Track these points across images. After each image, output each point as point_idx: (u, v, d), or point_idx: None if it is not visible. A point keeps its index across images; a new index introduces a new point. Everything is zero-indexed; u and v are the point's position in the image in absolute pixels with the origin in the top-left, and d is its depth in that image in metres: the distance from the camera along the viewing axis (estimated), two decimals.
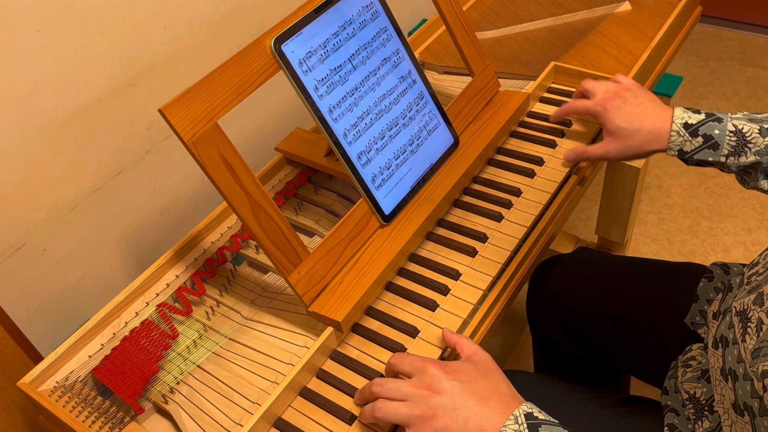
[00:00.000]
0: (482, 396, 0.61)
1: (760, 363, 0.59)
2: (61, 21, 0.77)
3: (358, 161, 0.78)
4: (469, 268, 0.79)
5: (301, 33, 0.73)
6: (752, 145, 0.77)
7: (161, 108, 0.63)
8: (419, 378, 0.63)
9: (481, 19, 1.21)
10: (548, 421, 0.59)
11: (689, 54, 2.34)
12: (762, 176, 0.79)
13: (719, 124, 0.79)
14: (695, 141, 0.80)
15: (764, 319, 0.61)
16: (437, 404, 0.60)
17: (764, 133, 0.77)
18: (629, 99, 0.85)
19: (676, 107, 0.83)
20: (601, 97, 0.86)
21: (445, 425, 0.59)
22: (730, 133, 0.78)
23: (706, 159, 0.80)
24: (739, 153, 0.78)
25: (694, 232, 1.76)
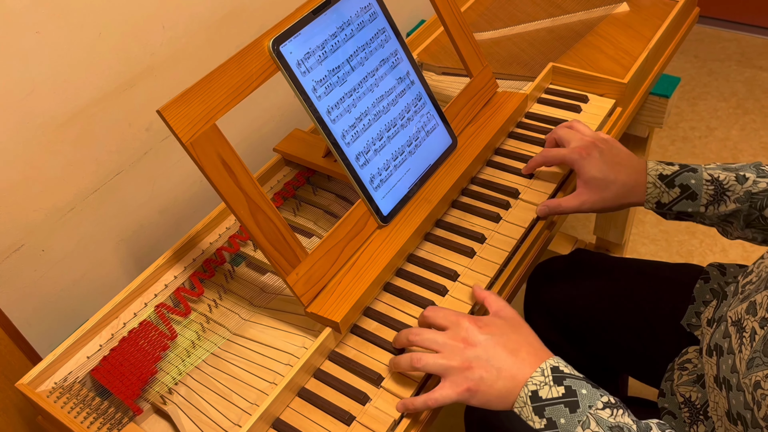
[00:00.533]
0: (513, 348, 0.64)
1: (753, 374, 0.59)
2: (60, 22, 0.77)
3: (357, 162, 0.78)
4: (467, 268, 0.79)
5: (300, 34, 0.73)
6: (731, 193, 0.77)
7: (159, 109, 0.63)
8: (454, 331, 0.66)
9: (479, 20, 1.21)
10: (573, 375, 0.62)
11: (687, 55, 2.35)
12: (744, 225, 0.79)
13: (694, 174, 0.79)
14: (672, 192, 0.79)
15: (756, 328, 0.61)
16: (472, 356, 0.63)
17: (741, 180, 0.77)
18: (605, 150, 0.82)
19: (648, 160, 0.82)
20: (576, 145, 0.83)
21: (480, 375, 0.62)
22: (707, 182, 0.78)
23: (686, 210, 0.79)
24: (718, 202, 0.78)
25: (692, 233, 1.76)
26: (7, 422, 0.81)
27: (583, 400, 0.59)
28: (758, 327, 0.61)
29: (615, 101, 1.00)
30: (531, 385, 0.61)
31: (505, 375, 0.62)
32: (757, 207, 0.77)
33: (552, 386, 0.60)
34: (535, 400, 0.60)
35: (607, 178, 0.80)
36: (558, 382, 0.60)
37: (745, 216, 0.78)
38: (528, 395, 0.60)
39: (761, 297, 0.62)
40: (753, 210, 0.77)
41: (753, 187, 0.76)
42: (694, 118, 2.09)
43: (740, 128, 2.04)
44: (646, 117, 1.21)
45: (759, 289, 0.64)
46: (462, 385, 0.63)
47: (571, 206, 0.82)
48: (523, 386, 0.61)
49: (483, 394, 0.62)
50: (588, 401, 0.59)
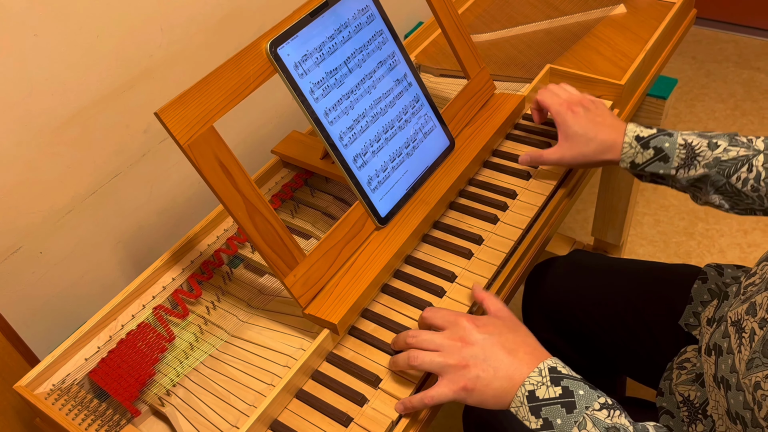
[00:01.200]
0: (511, 348, 0.64)
1: (753, 374, 0.59)
2: (58, 24, 0.77)
3: (354, 164, 0.78)
4: (465, 270, 0.80)
5: (297, 36, 0.73)
6: (701, 158, 0.79)
7: (157, 111, 0.63)
8: (452, 330, 0.67)
9: (476, 22, 1.21)
10: (570, 376, 0.62)
11: (685, 56, 2.35)
12: (712, 190, 0.81)
13: (670, 138, 0.81)
14: (646, 153, 0.81)
15: (756, 329, 0.61)
16: (469, 355, 0.64)
17: (712, 147, 0.79)
18: (591, 109, 0.86)
19: (629, 123, 0.84)
20: (566, 99, 0.88)
21: (476, 374, 0.63)
22: (680, 146, 0.80)
23: (658, 171, 0.82)
24: (688, 166, 0.80)
25: (690, 234, 1.76)
26: (5, 424, 0.81)
27: (580, 400, 0.59)
28: (758, 328, 0.61)
29: (612, 103, 1.00)
30: (528, 384, 0.61)
31: (502, 374, 0.62)
32: (724, 174, 0.78)
33: (549, 386, 0.60)
34: (532, 400, 0.60)
35: (587, 134, 0.84)
36: (555, 383, 0.61)
37: (712, 182, 0.80)
38: (525, 395, 0.61)
39: (761, 298, 0.62)
40: (720, 177, 0.79)
41: (723, 154, 0.78)
42: (692, 120, 2.10)
43: (738, 129, 2.04)
44: (644, 118, 1.21)
45: (760, 290, 0.64)
46: (459, 383, 0.63)
47: (552, 158, 0.87)
48: (520, 386, 0.61)
49: (479, 393, 0.62)
50: (585, 402, 0.59)
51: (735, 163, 0.78)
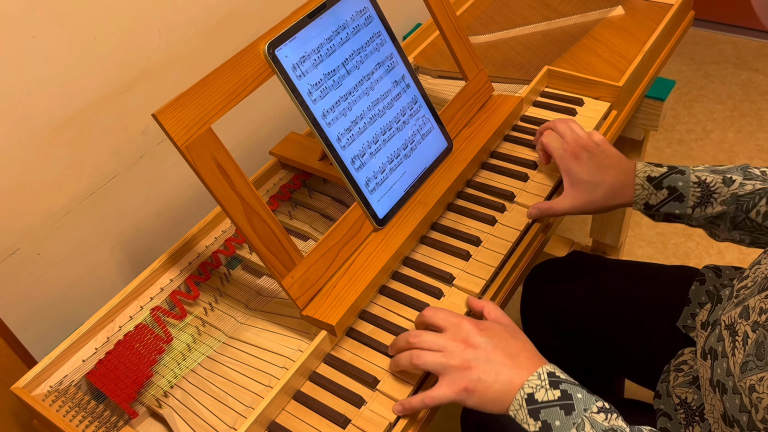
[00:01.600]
0: (512, 353, 0.65)
1: (747, 378, 0.59)
2: (56, 26, 0.77)
3: (352, 165, 0.78)
4: (463, 271, 0.80)
5: (295, 38, 0.73)
6: (717, 195, 0.77)
7: (155, 113, 0.63)
8: (454, 332, 0.67)
9: (475, 24, 1.21)
10: (569, 381, 0.62)
11: (683, 57, 2.35)
12: (731, 227, 0.79)
13: (682, 176, 0.79)
14: (660, 194, 0.80)
15: (749, 332, 0.61)
16: (471, 357, 0.64)
17: (728, 183, 0.77)
18: (596, 153, 0.83)
19: (637, 162, 0.82)
20: (570, 144, 0.84)
21: (478, 377, 0.63)
22: (694, 184, 0.78)
23: (673, 212, 0.80)
24: (705, 204, 0.78)
25: (689, 235, 1.77)
26: (2, 426, 0.81)
27: (579, 403, 0.59)
28: (751, 331, 0.61)
29: (610, 104, 1.00)
30: (527, 387, 0.61)
31: (502, 378, 0.62)
32: (743, 209, 0.77)
33: (548, 389, 0.60)
34: (531, 402, 0.60)
35: (594, 180, 0.81)
36: (554, 386, 0.61)
37: (731, 218, 0.78)
38: (524, 398, 0.61)
39: (754, 301, 0.63)
40: (739, 212, 0.77)
41: (739, 189, 0.77)
42: (690, 121, 2.10)
43: (736, 131, 2.04)
44: (642, 120, 1.21)
45: (753, 293, 0.64)
46: (460, 384, 0.63)
47: (561, 209, 0.83)
48: (519, 389, 0.61)
49: (480, 395, 0.62)
50: (583, 404, 0.59)
51: (752, 197, 0.76)
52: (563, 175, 0.84)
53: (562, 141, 0.86)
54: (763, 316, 0.60)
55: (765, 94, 2.15)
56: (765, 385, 0.57)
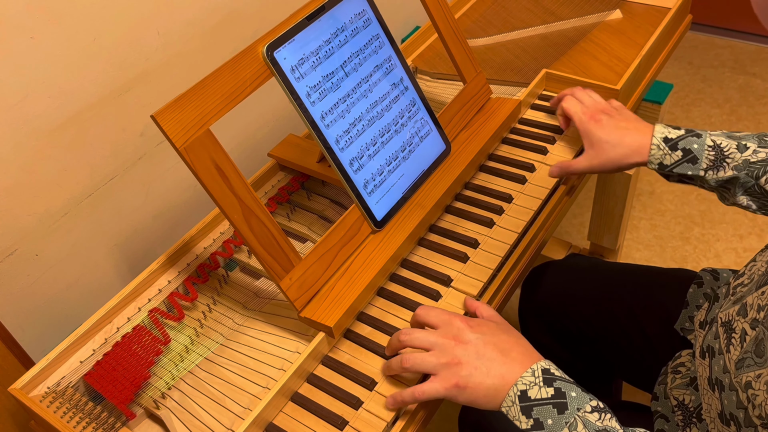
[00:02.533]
0: (504, 348, 0.64)
1: (744, 374, 0.59)
2: (55, 27, 0.77)
3: (350, 167, 0.78)
4: (461, 273, 0.80)
5: (294, 40, 0.73)
6: (730, 160, 0.79)
7: (153, 114, 0.64)
8: (445, 329, 0.67)
9: (473, 27, 1.22)
10: (563, 378, 0.62)
11: (681, 61, 2.36)
12: (740, 191, 0.80)
13: (698, 138, 0.81)
14: (675, 155, 0.81)
15: (747, 330, 0.61)
16: (462, 353, 0.64)
17: (742, 149, 0.78)
18: (614, 115, 0.86)
19: (657, 124, 0.84)
20: (590, 107, 0.88)
21: (469, 373, 0.63)
22: (709, 147, 0.80)
23: (686, 173, 0.81)
24: (717, 167, 0.79)
25: (686, 239, 1.77)
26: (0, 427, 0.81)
27: (572, 402, 0.59)
28: (749, 328, 0.61)
29: None
30: (520, 384, 0.61)
31: (494, 374, 0.62)
32: (753, 176, 0.78)
33: (542, 387, 0.60)
34: (524, 399, 0.60)
35: (612, 140, 0.84)
36: (548, 384, 0.61)
37: (741, 183, 0.79)
38: (517, 395, 0.61)
39: (752, 298, 0.63)
40: (749, 178, 0.78)
41: (752, 156, 0.78)
42: (688, 124, 2.10)
43: None
44: None
45: (751, 290, 0.64)
46: (451, 380, 0.63)
47: (580, 166, 0.87)
48: (512, 386, 0.61)
49: (471, 391, 0.62)
50: (577, 404, 0.59)
51: (764, 164, 0.77)
52: (583, 137, 0.87)
53: (582, 105, 0.89)
54: (761, 313, 0.60)
55: (762, 98, 2.16)
56: (762, 382, 0.57)
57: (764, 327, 0.59)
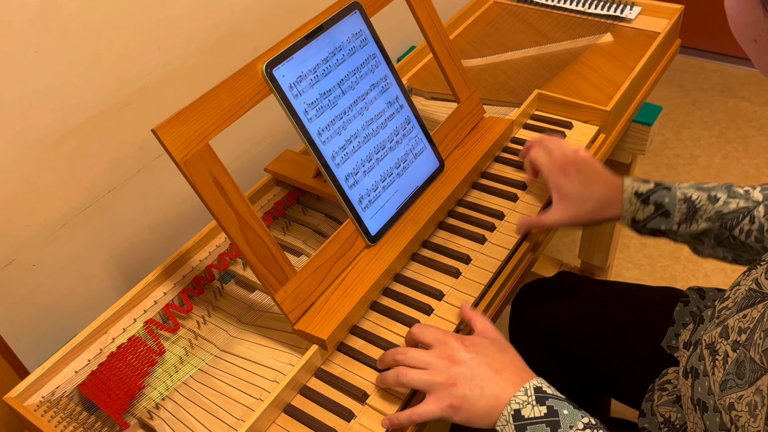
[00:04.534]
0: (498, 368, 0.65)
1: (727, 395, 0.61)
2: (58, 42, 0.79)
3: (346, 183, 0.80)
4: (453, 289, 0.81)
5: (292, 58, 0.75)
6: (702, 212, 0.79)
7: (154, 128, 0.65)
8: (440, 349, 0.68)
9: (468, 48, 1.24)
10: (555, 396, 0.63)
11: (671, 84, 2.40)
12: (714, 243, 0.81)
13: (669, 192, 0.81)
14: (647, 209, 0.82)
15: (729, 352, 0.63)
16: (457, 373, 0.65)
17: (713, 200, 0.79)
18: (583, 168, 0.85)
19: (625, 177, 0.84)
20: (559, 160, 0.86)
21: (464, 393, 0.64)
22: (680, 201, 0.81)
23: (659, 227, 0.82)
24: (690, 221, 0.80)
25: (676, 258, 1.79)
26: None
27: (564, 420, 0.61)
28: (731, 350, 0.63)
29: (598, 128, 1.02)
30: (514, 404, 0.62)
31: (488, 393, 0.64)
32: (727, 227, 0.79)
33: (534, 405, 0.62)
34: (518, 419, 0.61)
35: (582, 194, 0.83)
36: (540, 402, 0.62)
37: (715, 235, 0.80)
38: (511, 414, 0.62)
39: (733, 321, 0.64)
40: (723, 230, 0.79)
41: (724, 207, 0.79)
42: (678, 146, 2.14)
43: (723, 156, 2.08)
44: (629, 144, 1.24)
45: (732, 313, 0.66)
46: (446, 401, 0.64)
47: (550, 221, 0.85)
48: (506, 405, 0.62)
49: (466, 411, 0.64)
50: (569, 421, 0.61)
51: (737, 215, 0.78)
52: (551, 189, 0.86)
53: (550, 156, 0.88)
54: (742, 335, 0.62)
55: (751, 120, 2.20)
56: (743, 403, 0.58)
57: (745, 349, 0.60)
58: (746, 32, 0.51)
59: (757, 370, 0.56)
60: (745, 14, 0.49)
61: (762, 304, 0.61)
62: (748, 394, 0.58)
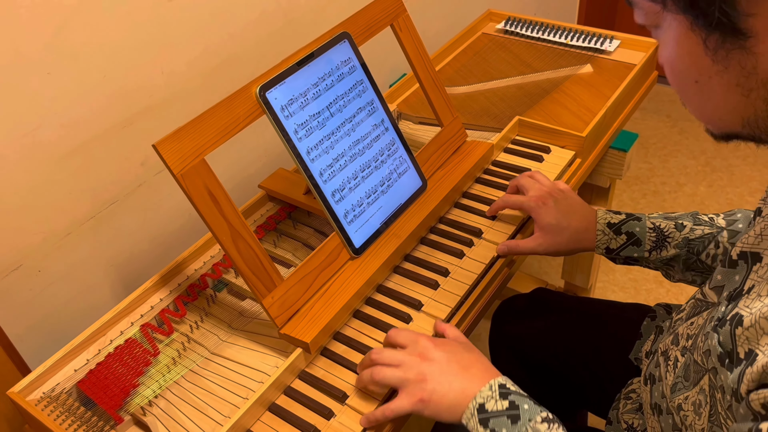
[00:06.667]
0: (465, 365, 0.71)
1: (676, 397, 0.66)
2: (69, 65, 0.86)
3: (332, 198, 0.86)
4: (431, 299, 0.86)
5: (284, 82, 0.81)
6: (671, 239, 0.85)
7: (154, 144, 0.71)
8: (412, 347, 0.73)
9: (455, 76, 1.31)
10: (518, 392, 0.68)
11: (660, 114, 2.47)
12: (684, 268, 0.87)
13: (639, 222, 0.87)
14: (620, 239, 0.87)
15: (679, 357, 0.68)
16: (427, 370, 0.70)
17: (680, 228, 0.85)
18: (561, 199, 0.91)
19: (598, 209, 0.90)
20: (534, 194, 0.92)
21: (433, 388, 0.69)
22: (650, 229, 0.87)
23: (632, 255, 0.88)
24: (660, 248, 0.86)
25: (660, 282, 1.84)
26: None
27: (525, 414, 0.65)
28: (680, 355, 0.68)
29: (575, 153, 1.08)
30: (479, 398, 0.67)
31: (456, 388, 0.68)
32: (694, 252, 0.85)
33: (498, 400, 0.67)
34: (482, 411, 0.66)
35: (560, 224, 0.89)
36: (503, 397, 0.67)
37: (684, 260, 0.86)
38: (475, 407, 0.67)
39: (683, 329, 0.70)
40: (691, 255, 0.85)
41: (690, 233, 0.85)
42: (664, 174, 2.20)
43: (708, 185, 2.14)
44: (607, 169, 1.30)
45: (683, 321, 0.71)
46: (416, 395, 0.69)
47: (527, 248, 0.91)
48: (472, 399, 0.67)
49: (435, 405, 0.68)
50: (528, 415, 0.65)
51: (702, 241, 0.84)
52: (533, 218, 0.91)
53: (532, 189, 0.93)
54: (689, 341, 0.67)
55: (736, 150, 2.26)
56: (689, 403, 0.63)
57: (691, 353, 0.65)
58: (687, 75, 0.52)
59: (699, 371, 0.62)
60: (684, 57, 0.51)
61: (706, 312, 0.67)
62: (693, 395, 0.63)
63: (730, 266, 0.62)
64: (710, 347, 0.58)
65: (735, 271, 0.61)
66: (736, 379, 0.52)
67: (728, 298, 0.60)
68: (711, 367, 0.58)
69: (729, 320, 0.55)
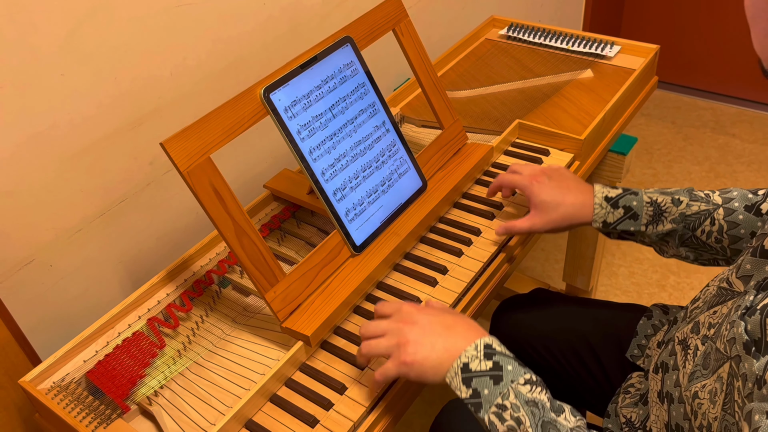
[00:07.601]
0: (448, 325, 0.71)
1: (693, 385, 0.66)
2: (83, 66, 0.89)
3: (334, 197, 0.88)
4: (430, 296, 0.89)
5: (288, 84, 0.84)
6: (668, 214, 0.86)
7: (162, 142, 0.74)
8: (396, 316, 0.74)
9: (458, 80, 1.34)
10: (503, 353, 0.68)
11: (665, 121, 2.49)
12: (678, 243, 0.88)
13: (636, 196, 0.88)
14: (617, 212, 0.88)
15: (699, 345, 0.69)
16: (409, 333, 0.71)
17: (676, 203, 0.86)
18: (554, 176, 0.92)
19: (595, 184, 0.91)
20: (528, 173, 0.94)
21: (415, 350, 0.70)
22: (647, 204, 0.88)
23: (628, 229, 0.88)
24: (656, 222, 0.87)
25: (662, 286, 1.85)
26: (6, 419, 0.89)
27: (507, 375, 0.66)
28: (700, 344, 0.68)
29: (573, 155, 1.10)
30: (464, 357, 0.67)
31: (439, 348, 0.69)
32: (690, 227, 0.86)
33: (482, 360, 0.67)
34: (465, 371, 0.67)
35: (554, 200, 0.90)
36: (488, 357, 0.67)
37: (680, 236, 0.87)
38: (459, 366, 0.67)
39: (704, 317, 0.71)
40: (687, 230, 0.86)
41: (686, 209, 0.86)
42: (669, 180, 2.21)
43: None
44: (606, 172, 1.32)
45: (703, 311, 0.72)
46: (400, 358, 0.70)
47: (523, 227, 0.92)
48: (456, 359, 0.68)
49: (419, 366, 0.69)
50: (511, 376, 0.66)
51: (698, 217, 0.85)
52: (528, 199, 0.92)
53: (522, 172, 0.95)
54: (711, 330, 0.68)
55: (740, 157, 2.27)
56: (706, 391, 0.64)
57: (713, 342, 0.65)
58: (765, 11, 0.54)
59: (720, 359, 0.62)
60: None
61: (731, 301, 0.67)
62: (710, 383, 0.63)
63: (762, 256, 0.63)
64: (735, 335, 0.58)
65: (766, 261, 0.62)
66: (762, 366, 0.53)
67: (757, 287, 0.61)
68: (734, 355, 0.58)
69: (759, 310, 0.55)
